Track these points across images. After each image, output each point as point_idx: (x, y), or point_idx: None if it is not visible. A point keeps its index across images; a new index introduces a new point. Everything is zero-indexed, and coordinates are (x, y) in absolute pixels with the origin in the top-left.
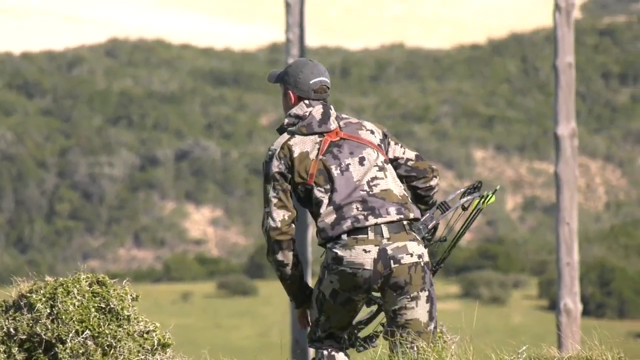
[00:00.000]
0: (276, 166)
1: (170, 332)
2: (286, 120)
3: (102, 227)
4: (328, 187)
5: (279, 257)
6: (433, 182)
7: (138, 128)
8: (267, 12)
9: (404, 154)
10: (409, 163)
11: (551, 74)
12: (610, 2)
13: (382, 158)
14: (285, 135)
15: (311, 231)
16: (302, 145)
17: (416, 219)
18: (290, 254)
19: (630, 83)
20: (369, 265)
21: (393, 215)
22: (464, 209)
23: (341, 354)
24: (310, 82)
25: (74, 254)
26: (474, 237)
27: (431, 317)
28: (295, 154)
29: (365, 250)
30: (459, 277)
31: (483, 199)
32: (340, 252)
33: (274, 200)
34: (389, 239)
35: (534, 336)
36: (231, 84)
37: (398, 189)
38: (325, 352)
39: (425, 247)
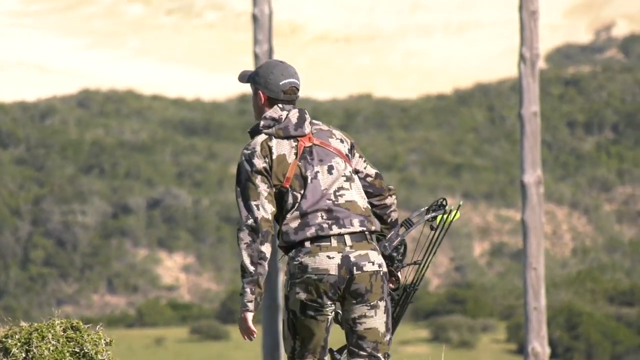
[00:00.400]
0: (260, 163)
1: None
2: (262, 122)
3: (76, 274)
4: (302, 192)
5: (263, 248)
6: (388, 201)
7: (110, 177)
8: (236, 64)
9: (365, 168)
10: (368, 179)
11: (517, 123)
12: (575, 52)
13: (349, 168)
14: (263, 136)
15: None
16: (280, 147)
17: (376, 232)
18: (270, 248)
19: (595, 131)
20: (333, 270)
21: (356, 227)
22: (432, 228)
23: None
24: (280, 83)
25: (49, 299)
26: (442, 282)
27: (387, 328)
28: (274, 155)
29: (329, 257)
30: (428, 321)
31: (447, 215)
32: (304, 260)
33: (264, 193)
34: (351, 247)
35: None
36: (201, 133)
37: (362, 201)
38: None
39: (397, 268)
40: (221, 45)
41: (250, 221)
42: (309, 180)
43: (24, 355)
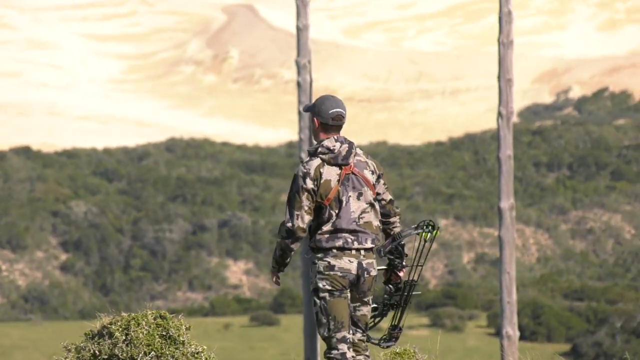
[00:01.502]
0: (309, 184)
1: (215, 353)
2: (319, 149)
3: (165, 276)
4: (337, 212)
5: (292, 246)
6: (392, 219)
7: (191, 204)
8: (285, 119)
9: (383, 194)
10: (382, 202)
11: (496, 163)
12: (540, 110)
13: (372, 196)
14: (318, 160)
15: None
16: (328, 174)
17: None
18: (298, 246)
19: (555, 169)
20: (354, 270)
21: (369, 244)
22: (425, 241)
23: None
24: (330, 111)
25: (144, 295)
26: (438, 282)
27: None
28: (322, 180)
29: (350, 261)
30: (427, 311)
31: (429, 233)
32: (331, 261)
33: (305, 208)
34: (364, 256)
35: (483, 355)
36: (259, 171)
37: (376, 221)
38: (340, 352)
39: (396, 268)
40: (273, 105)
41: (290, 225)
42: (343, 203)
43: (123, 338)
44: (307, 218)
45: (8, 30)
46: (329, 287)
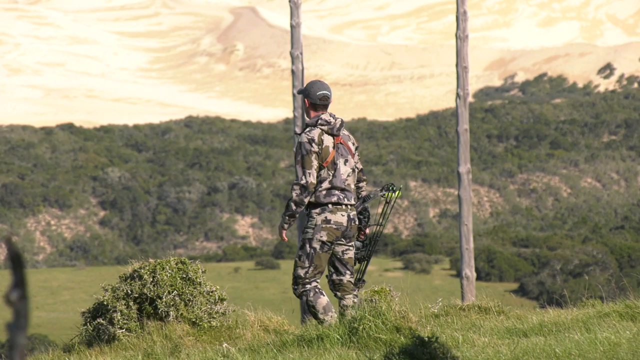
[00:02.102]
0: (315, 148)
1: (226, 291)
2: (319, 121)
3: (185, 229)
4: (332, 172)
5: (305, 200)
6: (361, 184)
7: (205, 170)
8: (282, 100)
9: (357, 163)
10: (355, 170)
11: (455, 135)
12: (491, 92)
13: (353, 163)
14: (318, 130)
15: None
16: (327, 140)
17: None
18: (307, 200)
19: (504, 140)
20: (345, 223)
21: (352, 201)
22: (387, 202)
23: (324, 294)
24: (317, 93)
25: (168, 245)
26: (410, 232)
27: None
28: (323, 145)
29: (342, 215)
30: (400, 257)
31: (393, 192)
32: (327, 216)
33: (315, 166)
34: (350, 210)
35: (446, 293)
36: (261, 143)
37: (353, 184)
38: (313, 286)
39: (364, 226)
40: (272, 89)
41: (304, 181)
42: (337, 166)
43: (151, 279)
44: (315, 175)
45: (54, 28)
46: (325, 239)
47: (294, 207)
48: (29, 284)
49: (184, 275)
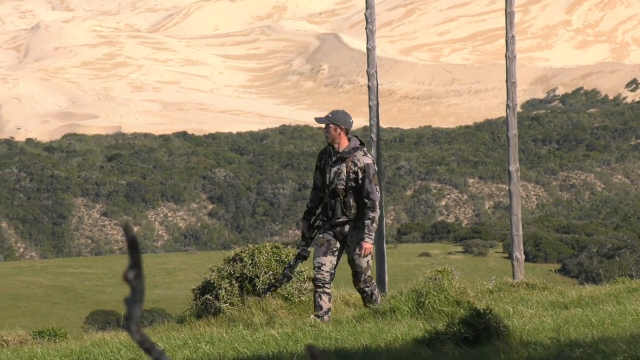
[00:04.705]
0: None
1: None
2: (363, 142)
3: (280, 219)
4: None
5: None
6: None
7: (297, 170)
8: (361, 111)
9: None
10: None
11: (506, 139)
12: (536, 103)
13: None
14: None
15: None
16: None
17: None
18: None
19: (547, 144)
20: None
21: None
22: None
23: None
24: (350, 121)
25: (266, 233)
26: (469, 222)
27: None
28: None
29: None
30: (461, 242)
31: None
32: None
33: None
34: None
35: (500, 272)
36: None
37: None
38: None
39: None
40: (352, 102)
41: (379, 199)
42: None
43: (250, 262)
44: None
45: (170, 52)
46: None
47: (376, 225)
48: (146, 265)
49: (278, 258)
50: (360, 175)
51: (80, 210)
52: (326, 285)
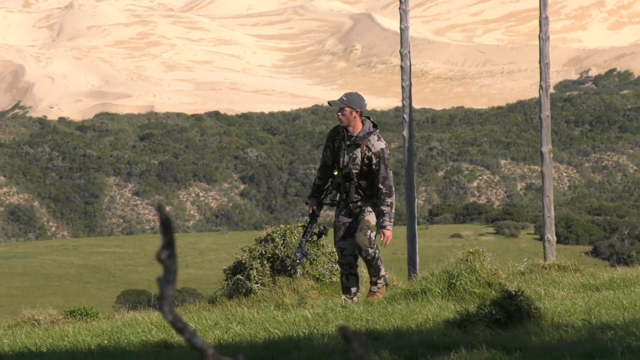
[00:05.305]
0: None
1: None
2: (376, 125)
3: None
4: None
5: None
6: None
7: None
8: (393, 92)
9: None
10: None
11: (538, 120)
12: (569, 84)
13: None
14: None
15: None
16: None
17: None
18: None
19: (580, 125)
20: None
21: None
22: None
23: None
24: (364, 104)
25: (297, 213)
26: (500, 203)
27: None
28: None
29: None
30: (492, 224)
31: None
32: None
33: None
34: None
35: (531, 254)
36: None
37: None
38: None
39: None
40: (385, 82)
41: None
42: None
43: (281, 242)
44: None
45: (203, 32)
46: None
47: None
48: (177, 245)
49: (309, 238)
50: (374, 160)
51: (112, 189)
52: (352, 268)
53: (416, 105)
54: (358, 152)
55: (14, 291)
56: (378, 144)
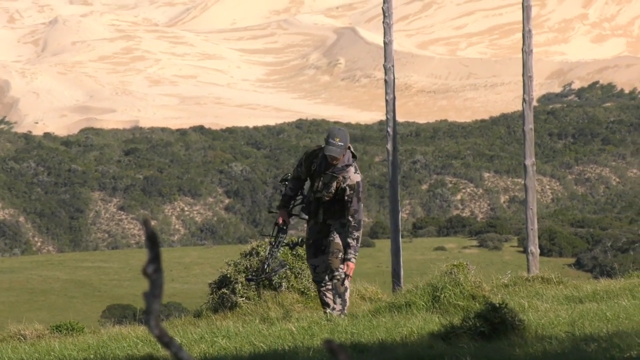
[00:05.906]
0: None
1: None
2: (355, 155)
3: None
4: None
5: None
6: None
7: None
8: (377, 105)
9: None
10: None
11: (522, 133)
12: (552, 97)
13: None
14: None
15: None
16: None
17: None
18: None
19: (563, 138)
20: None
21: None
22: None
23: None
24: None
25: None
26: (484, 216)
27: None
28: None
29: None
30: (476, 236)
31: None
32: None
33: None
34: None
35: (515, 266)
36: (360, 140)
37: None
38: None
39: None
40: (369, 96)
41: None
42: None
43: (266, 255)
44: None
45: (188, 47)
46: None
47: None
48: (163, 259)
49: (294, 252)
50: (348, 192)
51: (97, 204)
52: (328, 284)
53: (400, 118)
54: (334, 183)
55: None
56: (354, 176)
